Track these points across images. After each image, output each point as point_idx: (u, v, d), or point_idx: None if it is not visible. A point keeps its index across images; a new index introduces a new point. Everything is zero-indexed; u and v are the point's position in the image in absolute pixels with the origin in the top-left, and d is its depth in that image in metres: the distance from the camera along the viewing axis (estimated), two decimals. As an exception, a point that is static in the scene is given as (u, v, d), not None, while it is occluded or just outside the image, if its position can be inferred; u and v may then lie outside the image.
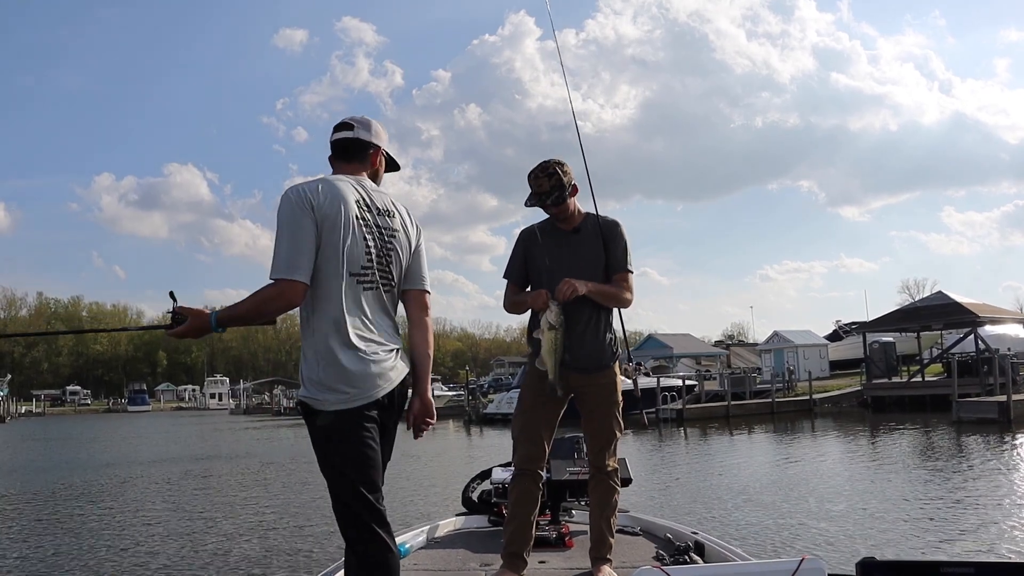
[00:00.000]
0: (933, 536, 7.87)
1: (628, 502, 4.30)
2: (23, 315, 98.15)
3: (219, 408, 72.47)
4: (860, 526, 8.56)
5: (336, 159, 2.71)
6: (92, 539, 9.03)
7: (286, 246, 2.39)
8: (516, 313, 3.51)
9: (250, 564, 7.57)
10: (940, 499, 10.01)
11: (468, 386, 43.73)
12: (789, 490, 11.46)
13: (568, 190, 3.34)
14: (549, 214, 3.42)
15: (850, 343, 45.90)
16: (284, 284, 2.38)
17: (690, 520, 7.92)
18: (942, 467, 13.27)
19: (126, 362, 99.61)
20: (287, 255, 2.39)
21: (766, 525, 8.82)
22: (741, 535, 8.09)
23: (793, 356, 42.53)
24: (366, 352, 2.45)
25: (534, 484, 3.39)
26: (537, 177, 3.32)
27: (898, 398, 29.43)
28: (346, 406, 2.41)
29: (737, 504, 10.34)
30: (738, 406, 30.34)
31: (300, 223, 2.40)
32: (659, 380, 31.42)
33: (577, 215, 3.44)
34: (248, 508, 11.28)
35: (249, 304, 2.43)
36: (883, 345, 34.84)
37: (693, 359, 49.80)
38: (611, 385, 3.43)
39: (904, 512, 9.23)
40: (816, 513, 9.48)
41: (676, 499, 11.12)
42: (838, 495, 10.79)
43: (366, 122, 2.72)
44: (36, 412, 70.89)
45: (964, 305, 29.61)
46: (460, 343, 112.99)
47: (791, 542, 7.80)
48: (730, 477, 13.41)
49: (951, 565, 2.02)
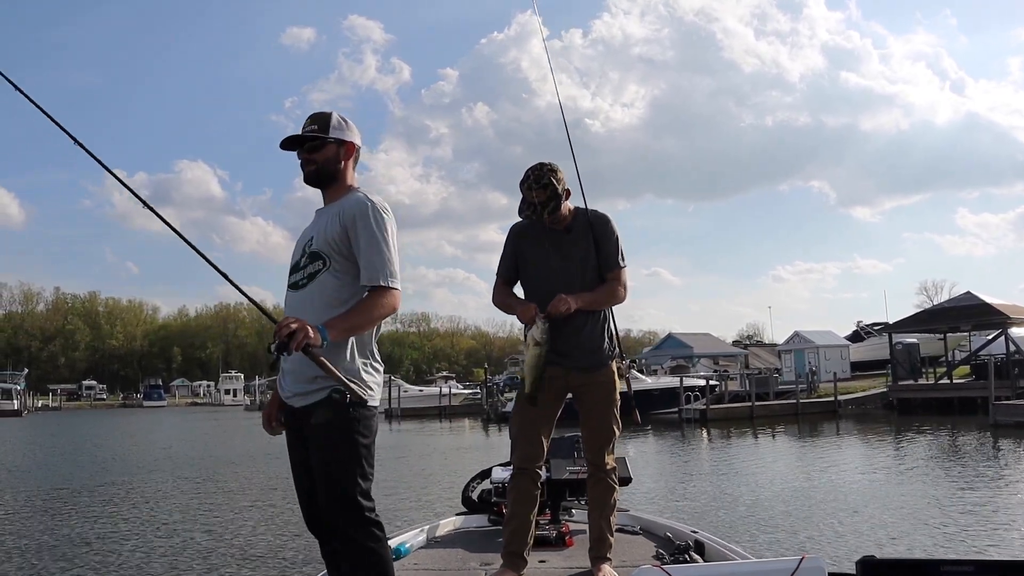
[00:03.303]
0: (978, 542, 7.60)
1: (628, 501, 4.30)
2: (40, 310, 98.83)
3: (234, 404, 72.54)
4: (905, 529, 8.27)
5: (352, 168, 2.81)
6: (108, 538, 8.85)
7: (394, 256, 2.58)
8: (505, 312, 3.51)
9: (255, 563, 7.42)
10: (984, 504, 9.72)
11: (486, 384, 43.54)
12: (806, 492, 11.27)
13: (562, 197, 3.32)
14: (543, 223, 3.40)
15: (871, 344, 45.36)
16: (398, 293, 2.58)
17: (693, 520, 8.03)
18: (983, 471, 12.91)
19: (141, 357, 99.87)
20: (397, 265, 2.58)
21: (767, 524, 8.77)
22: (741, 534, 8.07)
23: (814, 357, 42.05)
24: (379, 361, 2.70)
25: (533, 483, 3.39)
26: (531, 188, 3.30)
27: (924, 400, 28.94)
28: (377, 406, 2.61)
29: (741, 503, 10.28)
30: (762, 407, 29.94)
31: (395, 236, 2.63)
32: (682, 380, 31.09)
33: (568, 214, 3.42)
34: (258, 509, 11.09)
35: (365, 315, 2.54)
36: (907, 346, 34.36)
37: (711, 359, 49.41)
38: (609, 384, 3.43)
39: (949, 515, 8.94)
40: (827, 513, 9.37)
41: (691, 499, 10.97)
42: (869, 497, 10.59)
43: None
44: (52, 406, 71.18)
45: (994, 306, 29.03)
46: (474, 341, 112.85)
47: (793, 541, 7.77)
48: (744, 478, 13.19)
49: (951, 564, 2.00)
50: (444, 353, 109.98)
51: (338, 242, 2.59)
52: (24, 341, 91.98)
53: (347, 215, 2.60)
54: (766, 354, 55.03)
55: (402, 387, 47.67)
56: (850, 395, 32.00)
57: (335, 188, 2.75)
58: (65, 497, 12.18)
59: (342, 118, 2.75)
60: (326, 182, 2.75)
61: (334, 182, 2.75)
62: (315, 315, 2.50)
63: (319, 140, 2.70)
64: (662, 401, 31.37)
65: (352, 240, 2.58)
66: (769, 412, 29.44)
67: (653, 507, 9.65)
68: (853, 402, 31.24)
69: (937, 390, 29.35)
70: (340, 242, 2.59)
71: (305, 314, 2.50)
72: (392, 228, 2.59)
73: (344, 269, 2.59)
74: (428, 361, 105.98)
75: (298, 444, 2.65)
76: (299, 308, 2.60)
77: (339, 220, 2.61)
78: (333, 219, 2.63)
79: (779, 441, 21.16)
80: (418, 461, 17.41)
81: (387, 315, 2.58)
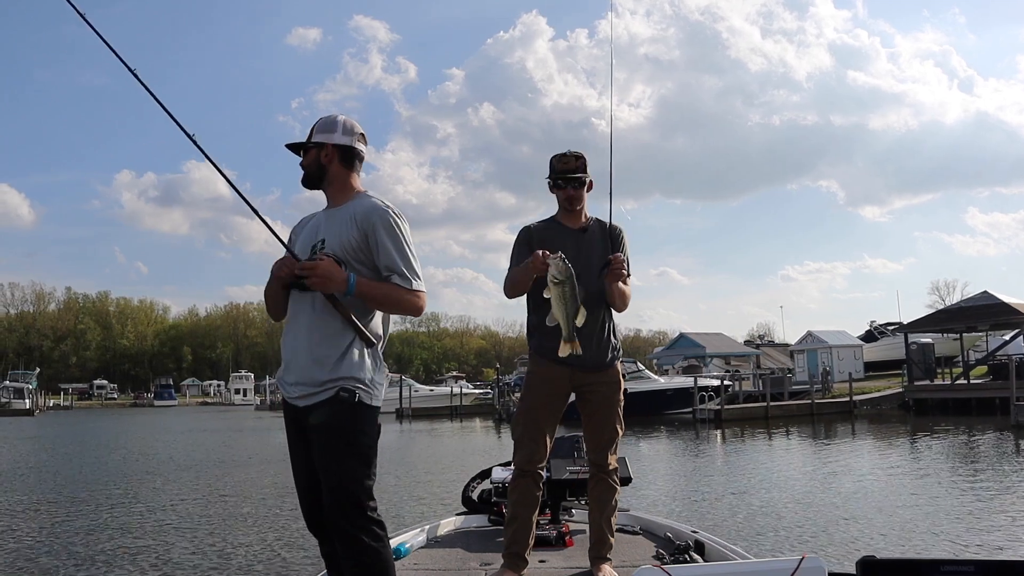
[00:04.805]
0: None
1: (631, 501, 4.27)
2: (52, 309, 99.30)
3: (244, 403, 72.76)
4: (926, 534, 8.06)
5: (355, 171, 2.78)
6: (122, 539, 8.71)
7: (417, 260, 2.63)
8: (518, 293, 3.39)
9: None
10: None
11: (498, 384, 43.45)
12: (812, 493, 11.09)
13: (586, 177, 3.43)
14: (563, 197, 3.44)
15: (885, 344, 45.05)
16: (425, 296, 2.63)
17: (695, 520, 8.01)
18: (1007, 471, 12.59)
19: (152, 357, 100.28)
20: (420, 268, 2.63)
21: (769, 524, 8.65)
22: (742, 535, 7.95)
23: (827, 357, 41.77)
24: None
25: (535, 485, 3.41)
26: (564, 157, 3.42)
27: (941, 401, 28.62)
28: (380, 406, 2.63)
29: (746, 503, 10.17)
30: (777, 407, 29.60)
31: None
32: (695, 380, 30.90)
33: (584, 216, 3.49)
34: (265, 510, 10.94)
35: (391, 295, 2.58)
36: (921, 346, 34.08)
37: (723, 359, 49.15)
38: (615, 384, 3.45)
39: (971, 516, 8.71)
40: (829, 512, 9.26)
41: (696, 500, 10.83)
42: (873, 497, 10.39)
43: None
44: (64, 405, 71.41)
45: (1013, 306, 28.72)
46: (484, 341, 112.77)
47: (793, 541, 7.66)
48: (752, 478, 12.97)
49: (951, 564, 1.99)
50: (454, 353, 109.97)
51: (356, 248, 2.58)
52: (36, 341, 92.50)
53: (366, 221, 2.58)
54: (778, 354, 54.71)
55: (413, 387, 47.59)
56: (865, 395, 31.68)
57: (336, 190, 2.74)
58: (68, 497, 11.98)
59: (336, 119, 2.75)
60: (316, 184, 2.74)
61: (327, 184, 2.74)
62: (320, 316, 2.56)
63: (303, 146, 2.75)
64: (676, 401, 31.18)
65: (373, 245, 2.58)
66: (784, 412, 29.11)
67: (657, 507, 9.56)
68: (868, 403, 30.92)
69: (954, 391, 29.01)
70: (359, 249, 2.59)
71: (310, 314, 2.59)
72: (409, 232, 2.65)
73: (360, 274, 2.58)
74: (438, 361, 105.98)
75: (300, 443, 2.64)
76: (304, 309, 2.62)
77: (355, 225, 2.59)
78: (348, 224, 2.61)
79: (793, 442, 20.86)
80: (419, 461, 17.26)
81: (409, 312, 2.63)
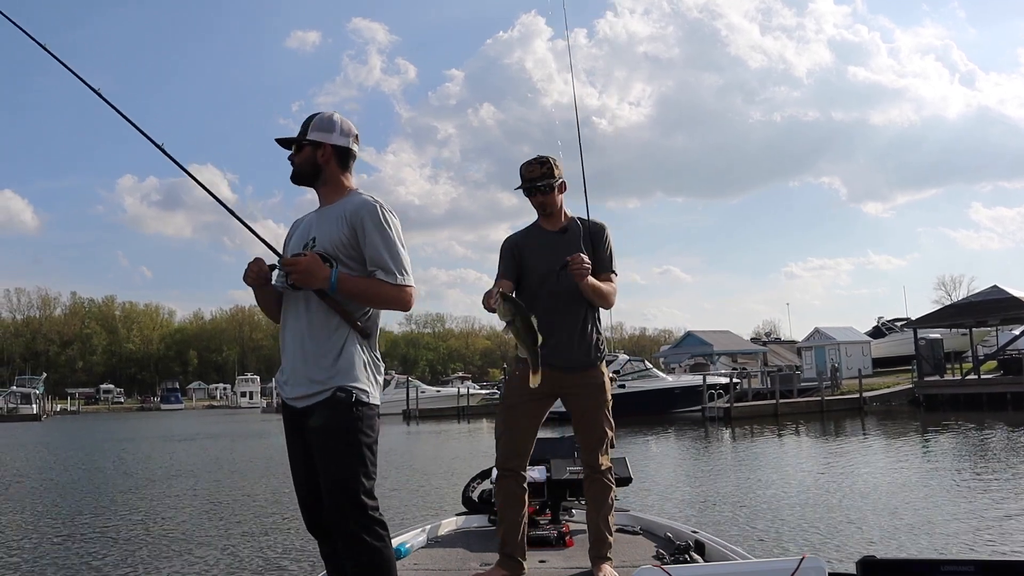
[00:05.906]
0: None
1: (632, 500, 4.30)
2: (58, 314, 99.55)
3: (250, 406, 72.81)
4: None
5: (349, 171, 2.77)
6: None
7: (407, 256, 2.60)
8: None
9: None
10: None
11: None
12: (816, 492, 10.91)
13: (557, 183, 3.40)
14: (535, 204, 3.45)
15: (893, 340, 44.86)
16: (413, 291, 2.60)
17: (696, 520, 7.99)
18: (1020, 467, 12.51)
19: (158, 360, 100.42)
20: (410, 265, 2.59)
21: (771, 524, 8.55)
22: (743, 535, 7.81)
23: (835, 353, 41.63)
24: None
25: (517, 485, 3.40)
26: (529, 165, 3.42)
27: (952, 396, 28.47)
28: (379, 404, 2.62)
29: (747, 503, 10.07)
30: (786, 404, 29.41)
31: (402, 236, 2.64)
32: (704, 378, 30.77)
33: (563, 216, 3.49)
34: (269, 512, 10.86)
35: (374, 290, 2.55)
36: (930, 342, 33.93)
37: (730, 357, 48.98)
38: (599, 384, 3.42)
39: (979, 515, 8.55)
40: (829, 512, 9.14)
41: (698, 499, 10.70)
42: (877, 497, 10.19)
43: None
44: (71, 410, 71.68)
45: (1023, 300, 28.62)
46: (489, 342, 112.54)
47: (794, 541, 7.58)
48: (757, 477, 12.77)
49: (951, 564, 1.99)
50: (459, 354, 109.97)
51: (346, 245, 2.58)
52: (42, 346, 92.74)
53: (355, 217, 2.58)
54: (785, 351, 54.61)
55: (420, 388, 47.55)
56: (875, 392, 31.56)
57: (329, 189, 2.73)
58: (71, 500, 11.86)
59: (333, 119, 2.72)
60: (308, 182, 2.74)
61: (320, 183, 2.73)
62: (314, 316, 2.56)
63: (296, 142, 2.73)
64: (684, 400, 31.08)
65: (362, 240, 2.57)
66: (793, 410, 28.92)
67: (659, 507, 9.44)
68: (878, 399, 30.80)
69: (964, 386, 28.86)
70: (349, 245, 2.58)
71: (303, 314, 2.59)
72: (399, 228, 2.62)
73: (350, 271, 2.58)
74: (443, 362, 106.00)
75: (299, 444, 2.63)
76: (298, 308, 2.62)
77: (346, 222, 2.59)
78: (338, 221, 2.61)
79: (803, 439, 20.64)
80: (422, 462, 17.15)
81: (396, 308, 2.62)
